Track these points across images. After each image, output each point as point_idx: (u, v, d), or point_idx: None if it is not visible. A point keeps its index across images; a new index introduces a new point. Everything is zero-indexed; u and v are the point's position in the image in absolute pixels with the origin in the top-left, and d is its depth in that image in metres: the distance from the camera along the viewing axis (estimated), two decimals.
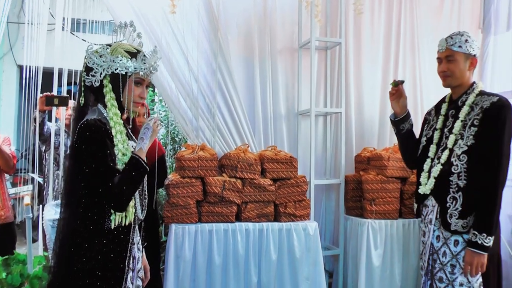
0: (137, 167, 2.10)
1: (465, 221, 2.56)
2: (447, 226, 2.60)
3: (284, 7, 4.65)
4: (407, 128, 2.99)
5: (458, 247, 2.59)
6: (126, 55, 2.13)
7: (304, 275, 3.93)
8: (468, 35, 2.71)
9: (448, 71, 2.72)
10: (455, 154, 2.61)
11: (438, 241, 2.67)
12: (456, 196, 2.58)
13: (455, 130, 2.65)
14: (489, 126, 2.55)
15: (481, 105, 2.60)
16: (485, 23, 5.07)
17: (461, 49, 2.67)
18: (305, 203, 4.11)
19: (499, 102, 2.57)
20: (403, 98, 2.99)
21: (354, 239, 4.37)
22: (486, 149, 2.53)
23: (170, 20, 4.05)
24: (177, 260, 3.73)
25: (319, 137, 4.83)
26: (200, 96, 4.18)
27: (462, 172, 2.57)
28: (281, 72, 4.64)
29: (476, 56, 2.74)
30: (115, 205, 2.05)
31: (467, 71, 2.71)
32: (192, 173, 3.85)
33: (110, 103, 2.12)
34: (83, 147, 2.00)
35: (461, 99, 2.71)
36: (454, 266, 2.59)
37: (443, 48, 2.74)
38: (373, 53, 4.90)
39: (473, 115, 2.60)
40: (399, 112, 3.00)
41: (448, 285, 2.59)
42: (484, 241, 2.48)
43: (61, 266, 2.05)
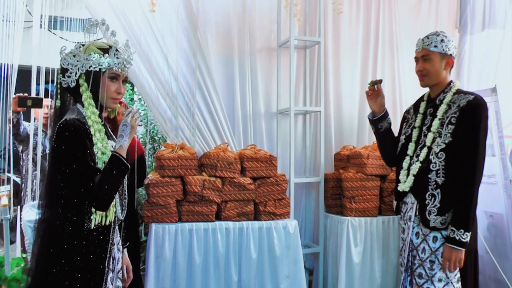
0: (118, 165, 2.08)
1: (444, 218, 2.60)
2: (426, 223, 2.64)
3: (263, 6, 4.66)
4: (385, 127, 3.02)
5: (437, 243, 2.62)
6: (98, 51, 2.11)
7: (285, 273, 3.94)
8: (444, 35, 2.75)
9: (424, 70, 2.76)
10: (433, 151, 2.65)
11: (418, 237, 2.70)
12: (434, 193, 2.61)
13: (433, 128, 2.69)
14: (465, 124, 2.59)
15: (458, 103, 2.64)
16: (461, 23, 5.13)
17: (437, 48, 2.71)
18: (285, 202, 4.12)
19: (474, 100, 2.61)
20: (381, 97, 3.02)
21: (334, 237, 4.40)
22: (463, 147, 2.58)
23: (149, 19, 4.02)
24: (158, 260, 3.72)
25: (299, 136, 4.85)
26: (180, 95, 4.17)
27: (440, 169, 2.61)
28: (260, 71, 4.65)
29: (452, 56, 2.77)
30: (97, 205, 2.04)
31: (443, 70, 2.75)
32: (172, 172, 3.84)
33: (87, 102, 2.10)
34: (63, 147, 1.98)
35: (439, 98, 2.75)
36: (433, 262, 2.62)
37: (420, 48, 2.79)
38: (352, 52, 4.93)
39: (451, 113, 2.64)
40: (377, 111, 3.03)
41: (428, 280, 2.62)
42: (462, 237, 2.52)
43: (40, 268, 2.03)
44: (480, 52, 5.01)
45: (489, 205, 4.15)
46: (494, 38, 4.92)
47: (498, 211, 4.18)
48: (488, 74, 4.93)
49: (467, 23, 5.03)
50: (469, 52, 5.02)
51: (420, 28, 4.99)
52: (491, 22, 4.88)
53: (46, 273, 2.00)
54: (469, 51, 5.02)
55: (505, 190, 4.11)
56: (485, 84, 4.71)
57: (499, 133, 4.12)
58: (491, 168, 4.03)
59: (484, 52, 4.99)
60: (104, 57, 2.11)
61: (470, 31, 5.01)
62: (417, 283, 2.66)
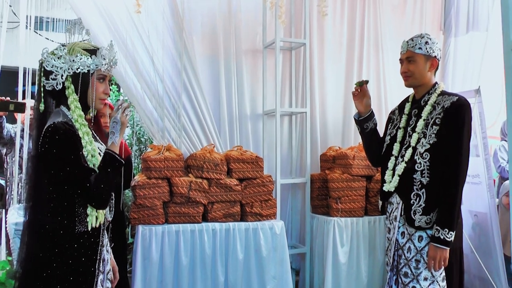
0: (112, 162, 2.09)
1: (429, 217, 2.63)
2: (411, 223, 2.67)
3: (248, 7, 4.67)
4: (371, 127, 3.05)
5: (422, 242, 2.65)
6: (85, 53, 2.10)
7: (271, 274, 3.96)
8: (429, 37, 2.78)
9: (408, 72, 2.79)
10: (418, 152, 2.67)
11: (403, 237, 2.72)
12: (419, 193, 2.64)
13: (418, 129, 2.71)
14: (449, 125, 2.62)
15: (442, 104, 2.67)
16: (446, 25, 5.19)
17: (421, 50, 2.73)
18: (271, 203, 4.14)
19: (458, 101, 2.65)
20: (367, 98, 3.04)
21: (320, 237, 4.42)
22: (447, 147, 2.61)
23: (135, 20, 4.01)
24: (144, 261, 3.71)
25: (285, 137, 4.87)
26: (166, 97, 4.17)
27: (425, 169, 2.64)
28: (246, 72, 4.66)
29: (437, 58, 2.80)
30: (96, 204, 2.05)
31: (427, 72, 2.78)
32: (158, 174, 3.84)
33: (73, 105, 2.07)
34: (54, 151, 1.96)
35: (424, 99, 2.78)
36: (418, 261, 2.65)
37: (404, 49, 2.81)
38: (337, 53, 4.97)
39: (435, 114, 2.67)
40: (363, 112, 3.05)
41: (413, 279, 2.65)
42: (446, 236, 2.56)
43: (29, 272, 2.01)
44: (464, 54, 5.08)
45: (474, 205, 4.21)
46: (477, 41, 5.00)
47: (482, 210, 4.23)
48: (472, 75, 5.00)
49: (451, 25, 5.09)
50: (453, 54, 5.08)
51: (404, 30, 5.04)
52: (475, 25, 4.95)
53: (36, 277, 1.99)
54: (454, 53, 5.08)
55: (489, 190, 4.16)
56: (469, 86, 4.77)
57: (482, 133, 4.18)
58: (475, 168, 4.07)
59: (468, 54, 5.06)
60: (92, 59, 2.09)
61: (454, 33, 5.07)
62: (403, 282, 2.69)
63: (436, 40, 2.81)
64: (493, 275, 4.12)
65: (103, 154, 2.11)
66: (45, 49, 2.10)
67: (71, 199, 2.04)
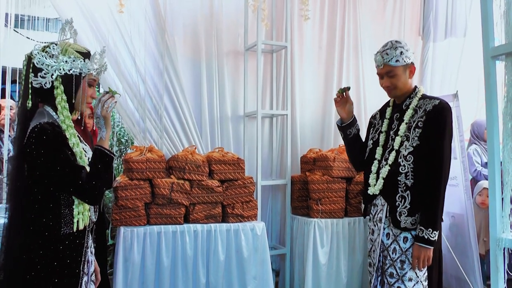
0: (102, 157, 2.08)
1: (414, 218, 2.67)
2: (397, 224, 2.69)
3: (230, 10, 4.70)
4: (354, 133, 3.05)
5: (407, 243, 2.68)
6: (78, 55, 2.07)
7: (252, 275, 3.99)
8: (401, 46, 2.75)
9: (391, 86, 2.79)
10: (402, 155, 2.70)
11: (388, 238, 2.75)
12: (404, 195, 2.68)
13: (401, 132, 2.74)
14: (431, 128, 2.66)
15: (424, 107, 2.71)
16: (424, 30, 5.28)
17: (399, 62, 2.73)
18: (253, 204, 4.17)
19: (440, 105, 2.69)
20: (349, 104, 3.03)
21: (300, 238, 4.46)
22: (429, 150, 2.65)
23: (117, 20, 4.01)
24: (126, 263, 3.70)
25: (265, 139, 4.91)
26: (147, 98, 4.17)
27: (409, 172, 2.67)
28: (227, 74, 4.68)
29: (413, 63, 2.81)
30: (90, 201, 2.05)
31: (408, 79, 2.80)
32: (140, 175, 3.83)
33: (61, 106, 2.04)
34: (42, 151, 1.93)
35: (405, 103, 2.81)
36: (403, 262, 2.68)
37: (381, 64, 2.79)
38: (317, 56, 5.03)
39: (417, 118, 2.71)
40: (346, 118, 3.04)
41: (398, 280, 2.68)
42: (430, 236, 2.59)
43: (13, 274, 1.99)
44: (442, 59, 5.17)
45: (451, 206, 4.29)
46: (455, 46, 5.10)
47: (459, 211, 4.32)
48: (450, 80, 5.10)
49: (430, 30, 5.18)
50: (432, 59, 5.17)
51: (384, 34, 5.12)
52: (453, 31, 5.06)
53: (20, 279, 1.97)
54: (432, 58, 5.17)
55: (466, 192, 4.25)
56: (447, 90, 4.86)
57: (460, 137, 4.27)
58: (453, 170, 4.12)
59: (446, 59, 5.16)
60: (85, 62, 2.09)
61: (433, 38, 5.16)
62: (389, 283, 2.71)
63: (408, 46, 2.80)
64: (469, 274, 4.21)
65: (93, 150, 2.11)
66: (36, 45, 2.08)
67: (57, 200, 2.01)
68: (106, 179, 2.11)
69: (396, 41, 2.79)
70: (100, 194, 2.08)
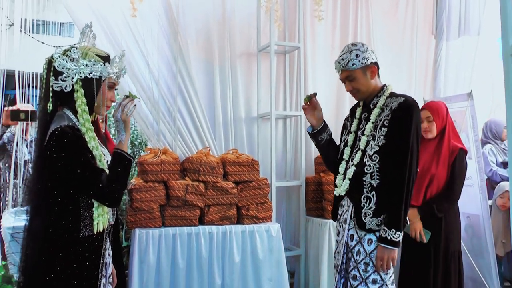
0: (121, 161, 2.11)
1: (379, 219, 2.59)
2: (362, 225, 2.62)
3: (242, 12, 4.70)
4: (326, 139, 2.96)
5: (372, 245, 2.61)
6: (98, 59, 2.09)
7: (267, 276, 3.98)
8: (356, 49, 2.69)
9: (354, 90, 2.73)
10: (368, 154, 2.63)
11: (352, 240, 2.68)
12: (369, 195, 2.60)
13: (366, 132, 2.67)
14: (397, 126, 2.59)
15: (390, 106, 2.64)
16: (437, 29, 5.26)
17: (355, 66, 2.66)
18: (267, 205, 4.16)
19: (405, 102, 2.61)
20: (318, 111, 2.95)
21: (315, 240, 4.45)
22: (395, 148, 2.58)
23: (130, 24, 4.03)
24: (141, 265, 3.71)
25: (279, 140, 4.90)
26: (161, 100, 4.19)
27: (375, 171, 2.60)
28: (240, 75, 4.69)
29: (373, 62, 2.71)
30: (109, 203, 2.08)
31: (370, 80, 2.71)
32: (155, 177, 3.85)
33: (81, 109, 2.05)
34: (62, 154, 1.95)
35: (373, 102, 2.74)
36: (367, 264, 2.60)
37: (339, 70, 2.76)
38: (330, 57, 4.99)
39: (383, 116, 2.63)
40: (316, 124, 2.95)
41: (362, 282, 2.60)
42: (394, 237, 2.52)
43: (32, 276, 2.00)
44: (456, 58, 5.14)
45: (467, 207, 4.25)
46: (469, 45, 5.07)
47: (475, 212, 4.28)
48: (464, 79, 5.07)
49: (443, 29, 5.16)
50: (445, 58, 5.14)
51: (396, 34, 5.11)
52: (466, 29, 5.02)
53: (39, 281, 1.98)
54: (446, 57, 5.14)
55: (481, 192, 4.22)
56: (461, 89, 4.84)
57: (475, 136, 4.23)
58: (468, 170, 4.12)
59: (459, 58, 5.12)
60: (105, 65, 2.10)
61: (446, 37, 5.13)
62: (352, 285, 2.63)
63: (365, 46, 2.72)
64: (486, 276, 4.18)
65: (113, 153, 2.13)
66: (57, 49, 2.10)
67: (76, 203, 2.03)
68: (125, 182, 2.14)
69: (352, 44, 2.72)
70: (120, 196, 2.10)
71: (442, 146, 3.43)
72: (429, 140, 3.48)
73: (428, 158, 3.43)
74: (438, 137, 3.47)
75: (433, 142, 3.48)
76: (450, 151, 3.42)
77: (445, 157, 3.41)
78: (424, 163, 3.39)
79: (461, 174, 3.44)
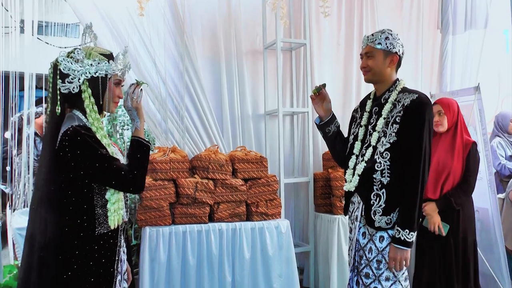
0: (140, 147, 2.15)
1: (389, 218, 2.55)
2: (371, 223, 2.58)
3: (248, 9, 4.71)
4: (333, 131, 2.94)
5: (383, 243, 2.57)
6: (102, 58, 2.11)
7: (277, 273, 3.99)
8: (390, 33, 2.67)
9: (367, 67, 2.69)
10: (378, 151, 2.59)
11: (364, 237, 2.64)
12: (379, 193, 2.56)
13: (378, 128, 2.63)
14: (409, 123, 2.54)
15: (402, 102, 2.59)
16: (443, 23, 5.24)
17: (381, 46, 2.64)
18: (276, 202, 4.17)
19: (418, 99, 2.57)
20: (327, 102, 2.92)
21: (324, 236, 4.46)
22: (407, 146, 2.54)
23: (136, 23, 4.04)
24: (152, 263, 3.73)
25: (287, 137, 4.91)
26: (168, 99, 4.19)
27: (385, 169, 2.55)
28: (247, 73, 4.71)
29: (398, 54, 2.67)
30: (133, 190, 2.12)
31: (387, 67, 2.67)
32: (164, 175, 3.86)
33: (89, 109, 2.07)
34: (78, 152, 1.97)
35: (384, 97, 2.70)
36: (380, 262, 2.57)
37: (364, 44, 2.73)
38: (335, 53, 5.02)
39: (395, 113, 2.59)
40: (324, 116, 2.93)
41: (375, 280, 2.57)
42: (407, 237, 2.48)
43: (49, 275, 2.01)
44: (462, 52, 5.12)
45: (475, 200, 4.22)
46: (475, 38, 5.05)
47: (484, 206, 4.27)
48: (471, 73, 5.05)
49: (448, 23, 5.14)
50: (451, 52, 5.12)
51: (402, 29, 5.11)
52: (473, 23, 5.01)
53: (57, 280, 1.99)
54: (452, 51, 5.13)
55: (490, 186, 4.21)
56: (467, 83, 4.82)
57: (482, 130, 4.22)
58: None
59: (466, 52, 5.10)
60: (109, 63, 2.12)
61: (452, 31, 5.12)
62: (364, 283, 2.59)
63: (398, 36, 2.69)
64: (495, 270, 4.17)
65: (130, 141, 2.18)
66: (62, 52, 2.11)
67: (90, 201, 2.05)
68: (146, 167, 2.17)
69: (388, 29, 2.70)
70: (143, 182, 2.14)
71: (456, 140, 3.46)
72: (441, 135, 3.49)
73: (443, 153, 3.45)
74: (452, 132, 3.49)
75: (447, 137, 3.49)
76: (464, 145, 3.45)
77: (460, 151, 3.44)
78: (439, 157, 3.42)
79: (475, 167, 3.48)
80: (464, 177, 3.43)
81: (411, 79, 5.11)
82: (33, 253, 2.04)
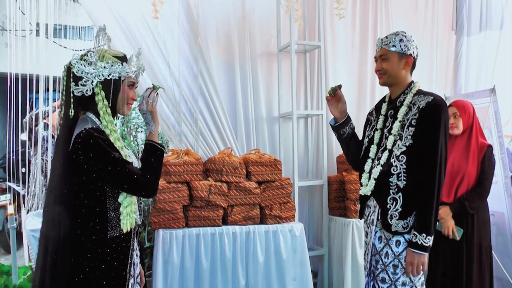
0: (154, 151, 2.15)
1: (406, 222, 2.53)
2: (388, 227, 2.56)
3: (262, 11, 4.70)
4: (348, 132, 2.93)
5: (400, 247, 2.55)
6: (115, 60, 2.10)
7: (291, 276, 3.97)
8: (404, 35, 2.66)
9: (382, 70, 2.68)
10: (394, 155, 2.57)
11: (380, 242, 2.62)
12: (396, 197, 2.54)
13: (394, 131, 2.61)
14: (425, 126, 2.52)
15: (418, 105, 2.57)
16: (458, 25, 5.21)
17: (395, 48, 2.63)
18: (290, 205, 4.15)
19: (434, 101, 2.54)
20: (342, 103, 2.92)
21: (338, 239, 4.43)
22: (423, 149, 2.51)
23: (150, 25, 4.05)
24: (165, 265, 3.73)
25: (301, 139, 4.89)
26: (182, 101, 4.20)
27: (402, 172, 2.53)
28: (261, 75, 4.69)
29: (412, 56, 2.67)
30: (146, 194, 2.11)
31: (401, 70, 2.66)
32: (178, 178, 3.86)
33: (103, 111, 2.07)
34: (91, 155, 1.97)
35: (399, 99, 2.68)
36: (396, 267, 2.55)
37: (379, 47, 2.72)
38: (350, 55, 5.00)
39: (411, 115, 2.57)
40: (339, 117, 2.92)
41: (391, 285, 2.54)
42: (424, 241, 2.45)
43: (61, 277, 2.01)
44: (477, 54, 5.08)
45: (491, 204, 4.18)
46: (491, 39, 5.01)
47: (499, 209, 4.23)
48: (486, 75, 5.01)
49: (463, 25, 5.11)
50: (466, 53, 5.09)
51: (416, 30, 5.07)
52: (488, 24, 4.96)
53: (69, 283, 1.99)
54: (466, 52, 5.09)
55: (506, 189, 4.16)
56: (483, 85, 4.78)
57: (498, 132, 4.18)
58: None
59: (481, 53, 5.06)
60: (123, 65, 2.11)
61: (467, 32, 5.08)
62: None
63: (412, 38, 2.68)
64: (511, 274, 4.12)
65: (144, 145, 2.18)
66: (75, 55, 2.10)
67: (103, 204, 2.05)
68: (159, 172, 2.17)
69: (402, 31, 2.69)
70: (156, 187, 2.14)
71: (471, 143, 3.42)
72: (456, 137, 3.45)
73: (458, 155, 3.41)
74: (467, 135, 3.45)
75: (462, 140, 3.46)
76: (479, 148, 3.40)
77: (475, 154, 3.39)
78: (454, 160, 3.38)
79: (490, 170, 3.43)
80: (479, 181, 3.38)
81: (426, 81, 5.06)
82: (47, 255, 2.03)
